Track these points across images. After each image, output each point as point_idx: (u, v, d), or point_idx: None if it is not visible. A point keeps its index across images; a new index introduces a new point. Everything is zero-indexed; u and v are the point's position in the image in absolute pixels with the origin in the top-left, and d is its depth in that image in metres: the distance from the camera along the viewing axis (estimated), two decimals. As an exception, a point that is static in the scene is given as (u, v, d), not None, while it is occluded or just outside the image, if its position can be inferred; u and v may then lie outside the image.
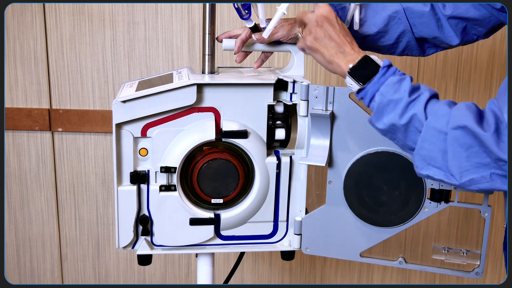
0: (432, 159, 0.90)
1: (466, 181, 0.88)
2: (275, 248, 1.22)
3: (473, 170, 0.87)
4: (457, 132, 0.87)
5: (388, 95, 0.93)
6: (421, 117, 0.91)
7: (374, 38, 1.20)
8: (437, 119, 0.90)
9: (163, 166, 1.13)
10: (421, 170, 0.93)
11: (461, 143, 0.87)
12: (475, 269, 1.16)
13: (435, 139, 0.89)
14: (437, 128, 0.89)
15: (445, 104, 0.91)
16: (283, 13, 1.11)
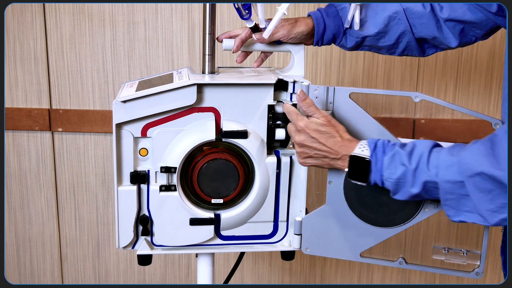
0: (460, 205, 0.92)
1: (498, 222, 0.89)
2: (275, 248, 1.22)
3: (500, 211, 0.88)
4: (474, 179, 0.88)
5: (393, 176, 0.96)
6: (431, 178, 0.92)
7: (374, 38, 1.20)
8: (446, 172, 0.91)
9: (163, 166, 1.13)
10: (454, 218, 0.94)
11: (481, 189, 0.88)
12: (475, 269, 1.16)
13: (454, 189, 0.91)
14: (451, 180, 0.90)
15: (447, 154, 0.92)
16: (283, 13, 1.11)
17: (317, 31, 1.19)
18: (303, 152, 1.05)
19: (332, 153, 1.02)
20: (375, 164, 0.98)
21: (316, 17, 1.19)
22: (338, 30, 1.20)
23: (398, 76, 1.87)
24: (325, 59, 1.87)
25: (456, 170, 0.90)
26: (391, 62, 1.86)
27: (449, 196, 0.92)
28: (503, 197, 0.87)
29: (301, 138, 1.04)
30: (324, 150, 1.02)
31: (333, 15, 1.19)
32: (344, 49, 1.25)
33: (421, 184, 0.94)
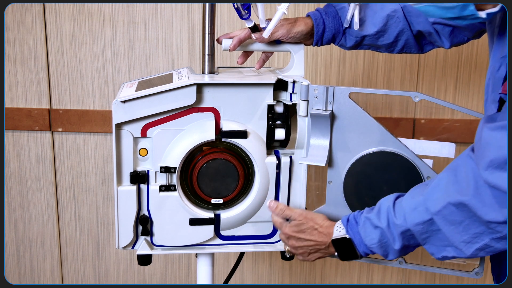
0: (438, 242, 0.92)
1: (473, 253, 0.88)
2: (275, 248, 1.22)
3: (474, 241, 0.87)
4: (442, 213, 0.88)
5: (374, 241, 0.98)
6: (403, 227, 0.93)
7: (374, 37, 1.20)
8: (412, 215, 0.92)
9: (163, 166, 1.13)
10: (437, 255, 0.94)
11: (451, 221, 0.88)
12: (475, 269, 1.16)
13: (425, 228, 0.91)
14: (420, 222, 0.91)
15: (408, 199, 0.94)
16: (283, 13, 1.11)
17: (316, 31, 1.19)
18: (302, 253, 1.09)
19: (320, 244, 1.05)
20: (354, 238, 1.00)
21: (315, 17, 1.19)
22: (337, 29, 1.20)
23: (398, 76, 1.87)
24: (325, 59, 1.86)
25: (421, 210, 0.90)
26: (391, 62, 1.86)
27: (424, 236, 0.92)
28: (475, 226, 0.85)
29: (292, 243, 1.09)
30: (313, 244, 1.06)
31: (332, 15, 1.19)
32: (343, 49, 1.25)
33: (398, 237, 0.94)
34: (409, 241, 0.95)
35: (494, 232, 0.84)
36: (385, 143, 1.11)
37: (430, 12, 0.88)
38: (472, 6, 0.83)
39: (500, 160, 0.80)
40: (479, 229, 0.85)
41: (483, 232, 0.85)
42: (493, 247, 0.86)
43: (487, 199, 0.82)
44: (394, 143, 1.11)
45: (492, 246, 0.86)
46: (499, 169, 0.80)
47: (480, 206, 0.83)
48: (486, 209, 0.83)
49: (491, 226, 0.83)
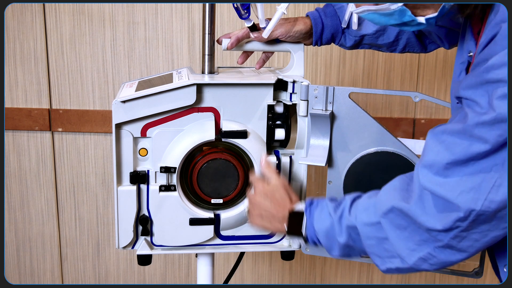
0: (382, 252, 0.89)
1: (415, 262, 0.85)
2: (275, 248, 1.22)
3: (418, 249, 0.84)
4: (388, 216, 0.86)
5: (322, 228, 0.96)
6: (351, 222, 0.91)
7: (373, 36, 1.20)
8: (363, 215, 0.90)
9: (163, 166, 1.13)
10: (381, 267, 0.91)
11: (396, 225, 0.85)
12: (475, 269, 1.16)
13: (372, 232, 0.89)
14: (367, 222, 0.89)
15: (365, 198, 0.92)
16: (282, 13, 1.11)
17: (315, 31, 1.19)
18: (254, 210, 1.06)
19: (280, 214, 1.02)
20: (308, 218, 0.98)
21: (314, 17, 1.19)
22: (336, 29, 1.20)
23: (398, 76, 1.87)
24: (325, 59, 1.86)
25: (372, 211, 0.88)
26: (391, 62, 1.86)
27: (370, 242, 0.89)
28: (419, 233, 0.83)
29: (258, 198, 1.06)
30: (274, 211, 1.03)
31: (330, 14, 1.19)
32: (344, 48, 1.25)
33: (345, 231, 0.92)
34: (354, 241, 0.92)
35: (436, 241, 0.82)
36: (385, 143, 1.11)
37: (375, 19, 0.89)
38: (409, 12, 0.84)
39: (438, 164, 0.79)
40: (422, 236, 0.83)
41: (426, 239, 0.83)
42: (437, 258, 0.84)
43: (427, 207, 0.81)
44: (394, 143, 1.11)
45: (436, 257, 0.83)
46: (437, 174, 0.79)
47: (420, 214, 0.81)
48: (426, 216, 0.81)
49: (433, 234, 0.81)
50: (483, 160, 0.75)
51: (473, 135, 0.75)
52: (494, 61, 0.73)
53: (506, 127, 0.72)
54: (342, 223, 0.93)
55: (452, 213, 0.78)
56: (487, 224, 0.78)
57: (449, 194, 0.78)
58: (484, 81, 0.75)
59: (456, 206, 0.77)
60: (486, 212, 0.76)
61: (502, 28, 0.74)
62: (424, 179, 0.80)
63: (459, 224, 0.78)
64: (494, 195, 0.75)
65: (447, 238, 0.81)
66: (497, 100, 0.72)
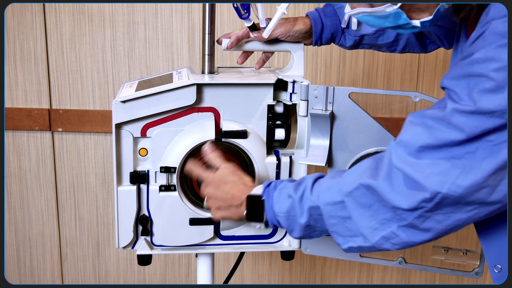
0: (344, 231, 0.89)
1: (377, 241, 0.86)
2: (275, 248, 1.22)
3: (381, 228, 0.85)
4: (353, 194, 0.86)
5: (282, 209, 0.95)
6: (313, 203, 0.91)
7: (373, 36, 1.20)
8: (326, 194, 0.89)
9: (163, 166, 1.13)
10: (343, 246, 0.91)
11: (361, 204, 0.86)
12: (475, 269, 1.16)
13: (335, 211, 0.89)
14: (330, 202, 0.89)
15: (328, 178, 0.92)
16: (283, 13, 1.11)
17: (315, 31, 1.19)
18: (212, 204, 1.05)
19: (235, 199, 1.01)
20: (267, 201, 0.97)
21: (313, 17, 1.19)
22: (336, 29, 1.20)
23: (398, 76, 1.87)
24: (325, 59, 1.87)
25: (335, 190, 0.88)
26: (391, 62, 1.86)
27: (332, 221, 0.89)
28: (383, 211, 0.84)
29: (209, 190, 1.04)
30: (229, 198, 1.02)
31: (330, 14, 1.19)
32: (343, 48, 1.25)
33: (306, 212, 0.92)
34: (315, 221, 0.92)
35: (400, 219, 0.83)
36: (385, 143, 1.11)
37: (370, 22, 0.89)
38: (404, 15, 0.85)
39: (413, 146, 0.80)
40: (387, 215, 0.84)
41: (391, 218, 0.84)
42: (399, 237, 0.84)
43: (395, 184, 0.82)
44: (394, 143, 1.11)
45: (398, 236, 0.84)
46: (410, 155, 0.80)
47: (387, 191, 0.82)
48: (392, 194, 0.82)
49: (398, 212, 0.82)
50: (456, 147, 0.77)
51: (450, 123, 0.77)
52: (479, 55, 0.75)
53: (483, 120, 0.74)
54: (303, 203, 0.92)
55: (418, 193, 0.80)
56: (451, 207, 0.80)
57: (418, 175, 0.79)
58: (467, 73, 0.76)
59: (423, 186, 0.79)
60: (452, 196, 0.78)
61: (492, 24, 0.75)
62: (397, 158, 0.82)
63: (424, 205, 0.80)
64: (461, 181, 0.77)
65: (411, 217, 0.82)
66: (477, 93, 0.74)
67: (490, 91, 0.73)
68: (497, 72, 0.73)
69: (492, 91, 0.73)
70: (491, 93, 0.73)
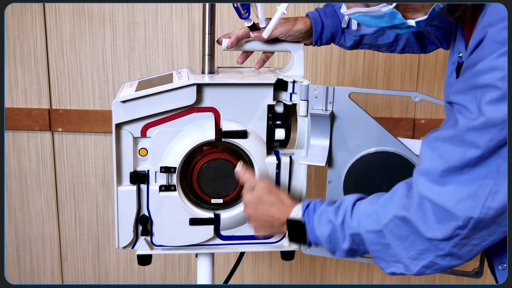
0: (387, 257, 0.90)
1: (419, 270, 0.87)
2: (275, 248, 1.22)
3: (420, 258, 0.85)
4: (389, 226, 0.86)
5: (324, 234, 0.95)
6: (355, 230, 0.91)
7: (373, 36, 1.20)
8: (366, 222, 0.90)
9: (163, 166, 1.13)
10: (386, 270, 0.92)
11: (397, 236, 0.86)
12: (475, 269, 1.16)
13: (376, 239, 0.89)
14: (371, 230, 0.89)
15: (367, 204, 0.92)
16: (282, 13, 1.11)
17: (315, 31, 1.19)
18: (255, 223, 1.07)
19: (276, 220, 1.03)
20: (308, 224, 0.98)
21: (313, 17, 1.19)
22: (336, 29, 1.20)
23: (398, 76, 1.87)
24: (325, 59, 1.86)
25: (374, 219, 0.88)
26: (391, 62, 1.86)
27: (375, 248, 0.90)
28: (420, 242, 0.84)
29: (249, 211, 1.06)
30: (269, 220, 1.03)
31: (330, 14, 1.19)
32: (343, 48, 1.25)
33: (348, 238, 0.92)
34: (358, 245, 0.93)
35: (437, 250, 0.83)
36: (385, 143, 1.11)
37: (365, 21, 0.89)
38: (399, 15, 0.84)
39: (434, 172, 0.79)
40: (424, 245, 0.84)
41: (428, 248, 0.84)
42: (439, 265, 0.85)
43: (428, 215, 0.81)
44: (394, 143, 1.11)
45: (438, 264, 0.85)
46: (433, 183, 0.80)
47: (421, 222, 0.82)
48: (426, 226, 0.82)
49: (434, 243, 0.82)
50: (477, 167, 0.76)
51: (464, 140, 0.76)
52: (482, 66, 0.74)
53: (496, 132, 0.74)
54: (345, 229, 0.93)
55: (451, 222, 0.79)
56: (486, 229, 0.79)
57: (447, 202, 0.79)
58: (472, 86, 0.76)
59: (455, 215, 0.78)
60: (484, 219, 0.77)
61: (489, 33, 0.75)
62: (422, 187, 0.81)
63: (459, 232, 0.79)
64: (491, 202, 0.76)
65: (448, 247, 0.82)
66: (485, 105, 0.74)
67: (498, 100, 0.73)
68: (502, 81, 0.72)
69: (500, 101, 0.73)
70: (499, 103, 0.73)
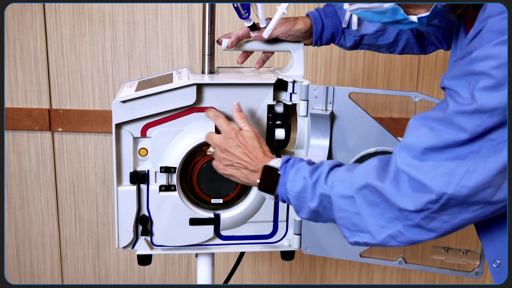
0: (352, 225, 0.90)
1: (384, 238, 0.87)
2: (275, 248, 1.22)
3: (388, 226, 0.86)
4: (362, 192, 0.87)
5: (295, 189, 0.95)
6: (326, 191, 0.92)
7: (373, 36, 1.20)
8: (339, 186, 0.90)
9: (163, 166, 1.13)
10: (349, 239, 0.92)
11: (369, 202, 0.87)
12: (475, 269, 1.16)
13: (345, 205, 0.90)
14: (342, 195, 0.89)
15: (344, 170, 0.92)
16: (283, 13, 1.11)
17: (315, 31, 1.19)
18: (225, 159, 1.05)
19: (252, 164, 1.02)
20: (282, 176, 0.98)
21: (314, 17, 1.19)
22: (336, 29, 1.20)
23: (398, 76, 1.87)
24: (325, 59, 1.87)
25: (348, 184, 0.89)
26: (391, 62, 1.86)
27: (341, 214, 0.90)
28: (390, 210, 0.85)
29: (229, 143, 1.04)
30: (247, 160, 1.02)
31: (330, 14, 1.19)
32: (343, 49, 1.25)
33: (318, 197, 0.93)
34: (324, 208, 0.93)
35: (406, 219, 0.84)
36: (385, 143, 1.11)
37: (368, 17, 0.89)
38: (401, 11, 0.85)
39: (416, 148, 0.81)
40: (393, 214, 0.85)
41: (397, 217, 0.85)
42: (406, 236, 0.85)
43: (402, 187, 0.82)
44: (394, 143, 1.11)
45: (405, 235, 0.85)
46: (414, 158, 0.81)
47: (394, 193, 0.83)
48: (399, 197, 0.83)
49: (404, 213, 0.83)
50: (460, 147, 0.78)
51: (453, 123, 0.78)
52: (478, 54, 0.75)
53: (485, 118, 0.75)
54: (316, 189, 0.93)
55: (424, 195, 0.80)
56: (457, 207, 0.80)
57: (424, 177, 0.80)
58: (467, 72, 0.77)
59: (429, 188, 0.79)
60: (457, 196, 0.78)
61: (489, 22, 0.76)
62: (401, 161, 0.82)
63: (430, 206, 0.81)
64: (466, 180, 0.77)
65: (417, 218, 0.83)
66: (478, 91, 0.75)
67: (491, 88, 0.74)
68: (497, 70, 0.73)
69: (493, 89, 0.74)
70: (492, 91, 0.74)
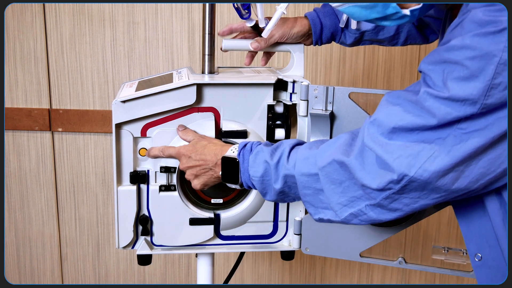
0: (317, 202, 0.90)
1: (346, 217, 0.88)
2: (275, 248, 1.22)
3: (350, 205, 0.86)
4: (326, 169, 0.87)
5: (257, 174, 0.96)
6: (289, 171, 0.92)
7: (373, 32, 1.21)
8: (302, 164, 0.90)
9: (162, 166, 1.13)
10: (314, 216, 0.92)
11: (332, 180, 0.87)
12: (475, 269, 1.16)
13: (309, 183, 0.90)
14: (306, 173, 0.90)
15: (305, 148, 0.92)
16: (282, 13, 1.11)
17: (314, 31, 1.19)
18: (190, 175, 1.06)
19: (209, 161, 1.02)
20: (242, 163, 0.98)
21: (312, 18, 1.19)
22: (335, 28, 1.20)
23: (398, 76, 1.87)
24: (325, 59, 1.87)
25: (311, 162, 0.89)
26: (391, 61, 1.86)
27: (306, 192, 0.91)
28: (353, 189, 0.85)
29: (184, 162, 1.05)
30: (203, 162, 1.03)
31: (329, 13, 1.19)
32: (345, 46, 1.25)
33: (282, 179, 0.93)
34: (290, 188, 0.93)
35: (369, 198, 0.84)
36: (385, 143, 1.11)
37: (355, 14, 0.86)
38: (394, 4, 0.83)
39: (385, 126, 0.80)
40: (356, 193, 0.85)
41: (360, 196, 0.85)
42: (367, 215, 0.86)
43: (366, 163, 0.82)
44: (394, 143, 1.11)
45: (366, 214, 0.86)
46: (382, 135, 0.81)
47: (358, 168, 0.83)
48: (363, 173, 0.83)
49: (367, 191, 0.83)
50: (428, 131, 0.78)
51: (424, 107, 0.78)
52: (456, 42, 0.75)
53: (455, 107, 0.75)
54: (279, 170, 0.93)
55: (387, 173, 0.80)
56: (417, 192, 0.81)
57: (388, 156, 0.80)
58: (443, 60, 0.77)
59: (392, 168, 0.80)
60: (418, 179, 0.79)
61: (471, 13, 0.75)
62: (369, 136, 0.82)
63: (391, 186, 0.81)
64: (428, 165, 0.78)
65: (379, 197, 0.83)
66: (451, 81, 0.75)
67: (464, 79, 0.74)
68: (471, 61, 0.73)
69: (465, 79, 0.74)
70: (464, 81, 0.74)
